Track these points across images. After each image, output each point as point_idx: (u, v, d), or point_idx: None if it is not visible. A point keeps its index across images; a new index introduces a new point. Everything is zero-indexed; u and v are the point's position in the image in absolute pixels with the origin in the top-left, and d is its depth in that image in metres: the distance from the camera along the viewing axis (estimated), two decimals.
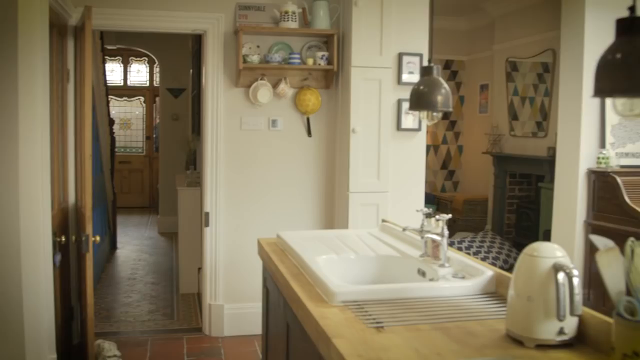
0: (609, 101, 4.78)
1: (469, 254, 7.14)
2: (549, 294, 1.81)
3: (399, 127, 4.93)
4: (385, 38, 4.80)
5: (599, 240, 1.64)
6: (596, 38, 5.40)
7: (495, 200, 8.68)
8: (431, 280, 2.55)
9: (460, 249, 7.27)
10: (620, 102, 1.36)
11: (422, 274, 2.69)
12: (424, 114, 2.63)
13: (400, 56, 4.88)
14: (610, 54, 1.35)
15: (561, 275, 1.79)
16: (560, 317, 1.79)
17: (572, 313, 1.79)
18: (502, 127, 8.56)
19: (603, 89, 1.33)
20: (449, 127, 10.14)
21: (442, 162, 10.16)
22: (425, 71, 2.61)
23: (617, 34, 1.39)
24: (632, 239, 1.59)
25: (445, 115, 10.04)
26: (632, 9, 1.38)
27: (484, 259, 7.09)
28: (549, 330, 1.82)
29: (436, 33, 9.10)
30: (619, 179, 5.20)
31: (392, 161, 4.92)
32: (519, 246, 6.82)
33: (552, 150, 6.74)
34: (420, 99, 2.56)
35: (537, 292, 1.83)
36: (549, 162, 6.95)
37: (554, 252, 1.86)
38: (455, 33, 9.87)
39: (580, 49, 5.44)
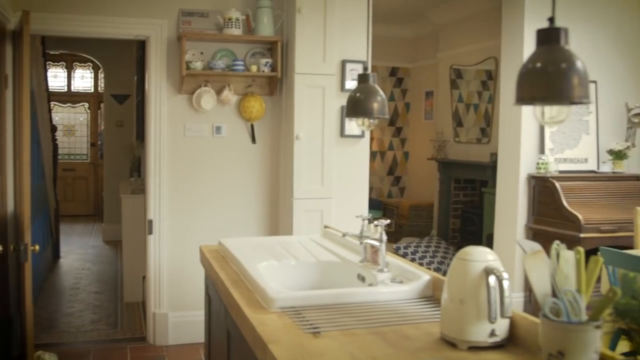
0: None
1: (414, 259, 7.22)
2: (480, 297, 1.85)
3: (342, 133, 4.97)
4: (328, 45, 4.83)
5: (525, 244, 1.68)
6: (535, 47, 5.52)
7: (440, 206, 8.80)
8: (370, 285, 2.58)
9: (405, 254, 7.35)
10: (540, 109, 1.41)
11: (362, 279, 2.71)
12: (360, 121, 2.66)
13: (343, 63, 4.91)
14: (531, 63, 1.39)
15: (492, 279, 1.83)
16: (491, 319, 1.83)
17: (502, 315, 1.83)
18: (446, 134, 8.69)
19: (523, 96, 1.37)
20: (395, 134, 10.24)
21: (389, 168, 10.25)
22: (362, 79, 2.64)
23: (537, 44, 1.43)
24: (557, 242, 1.64)
25: (392, 122, 10.16)
26: (551, 20, 1.42)
27: (429, 264, 7.18)
28: (481, 332, 1.86)
29: (382, 41, 9.26)
30: (557, 184, 5.33)
31: (336, 167, 4.95)
32: None
33: (495, 156, 6.86)
34: (356, 106, 2.59)
35: (469, 295, 1.86)
36: (492, 167, 7.08)
37: (486, 255, 1.91)
38: (400, 41, 10.00)
39: (519, 57, 5.56)
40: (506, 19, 5.83)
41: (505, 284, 1.82)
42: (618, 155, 5.73)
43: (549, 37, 1.42)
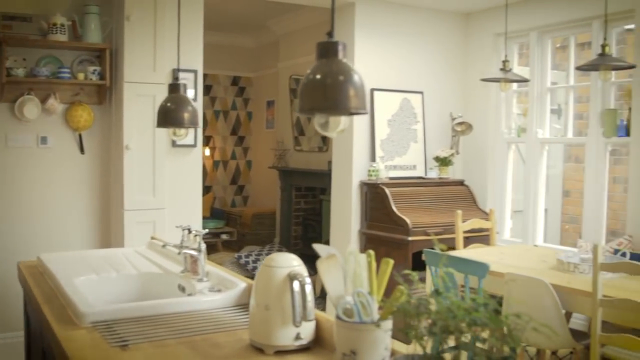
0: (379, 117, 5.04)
1: (255, 267, 7.26)
2: (285, 302, 1.90)
3: (174, 143, 4.92)
4: (159, 54, 4.77)
5: (321, 249, 1.74)
6: (364, 59, 5.76)
7: (282, 214, 8.89)
8: (189, 295, 2.57)
9: (247, 262, 7.37)
10: (320, 119, 1.47)
11: (182, 289, 2.70)
12: (171, 130, 2.65)
13: (174, 72, 4.87)
14: (312, 75, 1.45)
15: (296, 284, 1.88)
16: (296, 323, 1.88)
17: (306, 319, 1.88)
18: (287, 143, 8.81)
19: (304, 107, 1.42)
20: (237, 143, 10.26)
21: (232, 177, 10.25)
22: (172, 88, 2.63)
23: (318, 57, 1.49)
24: (352, 246, 1.71)
25: (234, 131, 10.17)
26: (329, 34, 1.49)
27: None
28: (286, 336, 1.91)
29: (224, 50, 9.27)
30: (387, 190, 5.55)
31: (168, 177, 4.89)
32: (305, 257, 7.00)
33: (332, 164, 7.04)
34: (167, 116, 2.58)
35: (274, 300, 1.91)
36: (330, 175, 7.25)
37: (291, 261, 1.96)
38: (242, 50, 10.04)
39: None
40: (338, 32, 6.01)
41: (308, 288, 1.88)
42: (444, 162, 6.06)
43: (328, 50, 1.49)
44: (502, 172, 6.22)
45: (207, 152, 10.01)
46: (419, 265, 4.17)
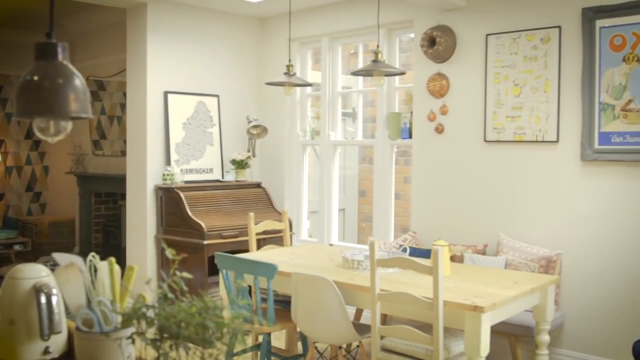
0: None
1: None
2: (31, 315, 1.82)
3: None
4: None
5: (61, 258, 1.69)
6: (157, 61, 5.68)
7: (81, 221, 8.54)
8: None
9: None
10: (39, 123, 1.42)
11: None
12: None
13: None
14: (29, 76, 1.40)
15: (42, 296, 1.81)
16: (44, 337, 1.81)
17: (53, 332, 1.82)
18: (85, 147, 8.47)
19: (20, 110, 1.37)
20: (32, 147, 9.71)
21: (27, 183, 9.68)
22: None
23: (36, 58, 1.45)
24: (92, 254, 1.67)
25: (28, 135, 9.62)
26: (49, 35, 1.45)
27: None
28: (34, 351, 1.83)
29: (15, 48, 8.76)
30: (182, 194, 5.51)
31: None
32: None
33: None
34: None
35: (20, 314, 1.82)
36: None
37: (39, 272, 1.88)
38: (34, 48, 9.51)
39: (143, 71, 5.65)
40: (131, 33, 5.88)
41: (54, 299, 1.81)
42: (240, 165, 6.11)
43: (47, 51, 1.44)
44: (298, 174, 6.39)
45: None
46: (216, 268, 4.17)
